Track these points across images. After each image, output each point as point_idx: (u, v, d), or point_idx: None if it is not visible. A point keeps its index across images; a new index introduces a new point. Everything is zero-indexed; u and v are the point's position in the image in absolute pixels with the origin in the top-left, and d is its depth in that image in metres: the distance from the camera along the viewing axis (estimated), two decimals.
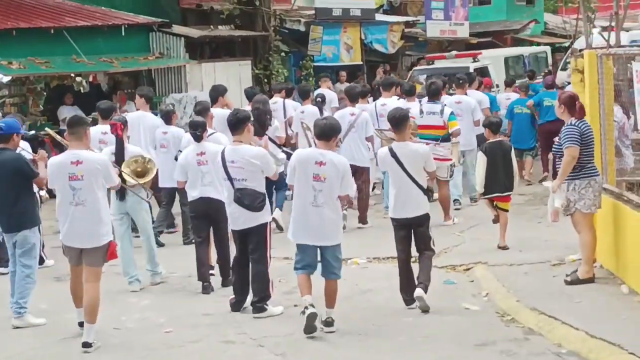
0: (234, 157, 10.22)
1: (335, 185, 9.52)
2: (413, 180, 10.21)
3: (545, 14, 45.14)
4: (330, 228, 9.61)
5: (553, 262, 11.58)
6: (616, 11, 17.11)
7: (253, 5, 28.19)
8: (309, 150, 10.24)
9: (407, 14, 39.34)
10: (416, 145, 10.65)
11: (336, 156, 9.72)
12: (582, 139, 10.27)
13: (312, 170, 9.49)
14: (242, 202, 10.16)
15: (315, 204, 9.52)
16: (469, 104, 16.93)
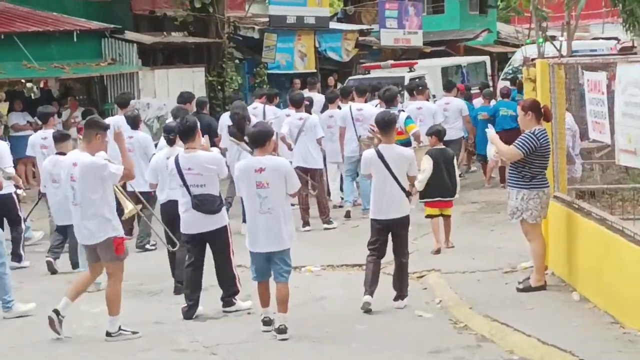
0: (190, 164, 10.37)
1: (279, 188, 9.62)
2: (397, 182, 10.39)
3: (498, 24, 45.49)
4: (278, 234, 9.66)
5: (505, 269, 11.63)
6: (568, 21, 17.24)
7: (207, 12, 28.14)
8: (247, 160, 10.17)
9: (362, 22, 39.42)
10: (403, 149, 10.96)
11: (274, 159, 9.82)
12: (537, 150, 10.27)
13: (254, 178, 9.59)
14: (201, 208, 10.33)
15: (262, 210, 9.60)
16: (430, 109, 17.51)
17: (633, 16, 16.37)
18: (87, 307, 11.12)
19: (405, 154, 10.66)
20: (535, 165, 10.33)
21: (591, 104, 10.31)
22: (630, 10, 16.25)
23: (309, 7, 31.93)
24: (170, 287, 11.73)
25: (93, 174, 9.68)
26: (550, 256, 10.81)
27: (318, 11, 32.61)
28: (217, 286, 10.86)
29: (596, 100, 10.13)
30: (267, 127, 10.18)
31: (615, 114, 9.30)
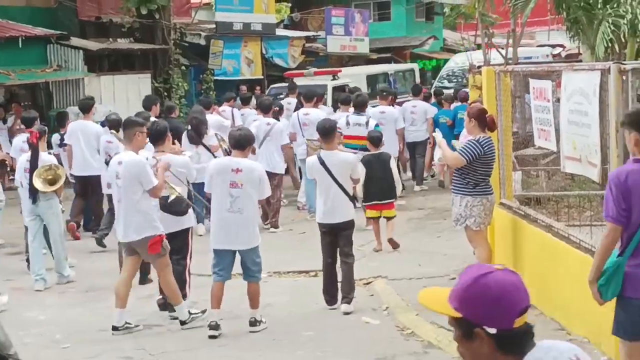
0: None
1: (251, 190, 9.92)
2: (341, 187, 10.66)
3: (445, 31, 45.82)
4: (247, 232, 9.96)
5: (452, 275, 11.64)
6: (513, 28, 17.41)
7: (153, 18, 28.02)
8: (225, 159, 10.63)
9: (308, 29, 39.52)
10: (344, 154, 11.26)
11: (252, 163, 10.33)
12: (481, 158, 10.30)
13: (229, 177, 9.87)
14: (169, 209, 10.59)
15: (232, 210, 9.87)
16: (392, 114, 18.16)
17: (577, 24, 16.53)
18: (34, 314, 11.04)
19: (347, 159, 10.94)
20: (479, 173, 10.35)
21: (537, 111, 10.40)
22: (575, 18, 16.42)
23: (255, 14, 31.97)
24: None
25: (136, 174, 9.98)
26: (496, 262, 10.85)
27: (264, 18, 32.66)
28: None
29: (542, 107, 10.21)
30: (250, 132, 10.56)
31: (560, 122, 9.38)
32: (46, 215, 12.66)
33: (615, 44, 15.72)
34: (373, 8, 42.69)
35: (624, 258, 6.47)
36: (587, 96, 8.54)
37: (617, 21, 14.77)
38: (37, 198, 12.46)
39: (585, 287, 8.47)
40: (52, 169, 12.49)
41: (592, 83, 8.41)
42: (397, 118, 18.14)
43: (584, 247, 8.73)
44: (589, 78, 8.54)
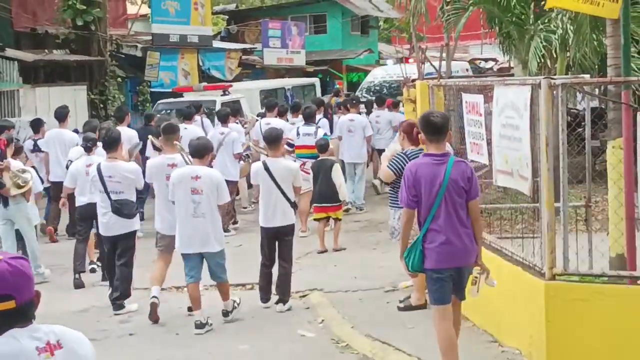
0: (111, 172, 11.56)
1: (211, 196, 10.47)
2: (282, 193, 11.27)
3: (380, 44, 46.10)
4: (211, 236, 10.56)
5: (387, 288, 11.74)
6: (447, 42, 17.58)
7: (89, 30, 27.87)
8: (184, 167, 10.93)
9: (245, 41, 39.60)
10: (288, 162, 12.01)
11: (210, 170, 10.81)
12: None
13: (190, 184, 10.43)
14: (121, 212, 11.49)
15: (195, 215, 10.44)
16: (361, 122, 19.16)
17: (510, 38, 16.76)
18: None
19: (290, 167, 11.60)
20: None
21: (469, 125, 10.51)
22: (507, 33, 16.65)
23: (192, 26, 31.95)
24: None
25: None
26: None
27: (201, 30, 32.64)
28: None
29: (474, 121, 10.32)
30: (208, 141, 11.32)
31: (492, 136, 9.50)
32: (16, 218, 13.30)
33: (548, 59, 15.95)
34: (309, 21, 42.90)
35: (420, 236, 7.87)
36: (518, 110, 8.67)
37: (549, 36, 14.99)
38: (7, 203, 13.10)
39: (516, 299, 8.64)
40: (20, 174, 13.07)
41: (523, 97, 8.55)
42: (365, 126, 19.08)
43: (516, 259, 8.86)
44: (520, 92, 8.68)
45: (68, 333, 4.04)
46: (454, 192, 7.76)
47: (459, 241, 7.80)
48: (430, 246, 7.80)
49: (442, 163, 7.79)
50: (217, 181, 10.58)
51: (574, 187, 11.47)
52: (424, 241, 7.85)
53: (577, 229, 10.18)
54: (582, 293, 8.00)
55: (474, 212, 7.92)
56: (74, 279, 13.07)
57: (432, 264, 7.81)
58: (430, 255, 7.81)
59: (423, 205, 7.79)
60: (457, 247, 7.81)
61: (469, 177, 7.85)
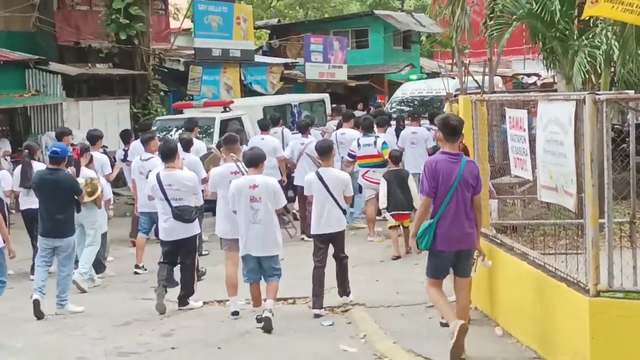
0: (170, 180, 12.21)
1: (269, 202, 11.10)
2: (335, 201, 11.87)
3: (422, 59, 46.04)
4: (268, 241, 11.17)
5: (429, 303, 11.64)
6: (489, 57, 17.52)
7: (132, 44, 28.07)
8: (243, 178, 11.53)
9: (287, 56, 39.68)
10: (339, 172, 12.59)
11: (266, 178, 11.37)
12: None
13: (248, 193, 11.07)
14: (182, 217, 12.14)
15: (254, 221, 11.08)
16: (423, 134, 19.69)
17: (553, 54, 16.67)
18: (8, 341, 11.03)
19: (341, 176, 12.19)
20: None
21: (513, 140, 10.46)
22: (551, 48, 16.55)
23: (234, 40, 32.09)
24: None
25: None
26: (474, 290, 10.89)
27: (243, 44, 32.78)
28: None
29: (518, 137, 10.27)
30: (261, 151, 11.71)
31: (536, 151, 9.45)
32: (86, 223, 13.90)
33: (592, 74, 15.84)
34: (351, 36, 42.92)
35: (434, 221, 9.19)
36: (563, 126, 8.62)
37: (593, 52, 14.88)
38: (79, 208, 13.27)
39: (560, 315, 8.57)
40: (91, 182, 13.66)
41: (568, 113, 8.50)
42: (427, 138, 19.61)
43: (560, 275, 8.80)
44: (564, 108, 8.62)
45: None
46: (465, 187, 9.20)
47: (463, 229, 9.26)
48: (440, 231, 9.20)
49: (457, 162, 9.23)
50: (274, 189, 11.21)
51: (618, 203, 11.35)
52: (436, 226, 9.21)
53: (621, 245, 10.11)
54: (626, 309, 7.94)
55: (477, 204, 9.41)
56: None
57: (440, 246, 9.27)
58: (439, 238, 9.23)
59: (438, 195, 9.18)
60: (461, 234, 9.26)
61: (476, 176, 9.36)
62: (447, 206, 9.16)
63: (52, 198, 12.35)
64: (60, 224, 12.37)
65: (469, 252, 9.54)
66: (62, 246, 12.41)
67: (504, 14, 16.10)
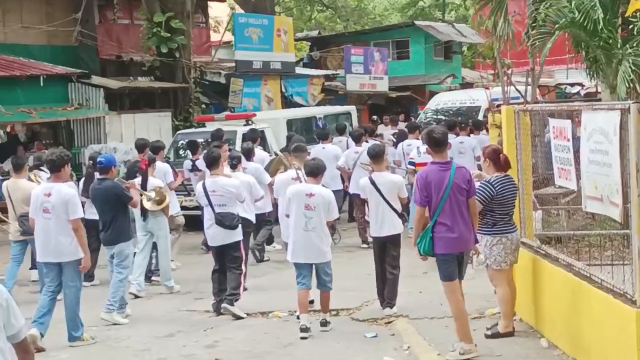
0: (214, 187, 12.67)
1: (322, 212, 11.41)
2: (389, 205, 12.16)
3: (463, 69, 45.88)
4: (319, 248, 11.46)
5: (473, 315, 11.60)
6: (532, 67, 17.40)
7: (173, 57, 28.22)
8: (300, 185, 12.10)
9: (327, 67, 39.70)
10: (392, 176, 12.95)
11: (323, 189, 11.68)
12: (495, 198, 10.31)
13: (304, 201, 11.39)
14: (223, 223, 12.54)
15: (306, 228, 11.38)
16: (470, 144, 20.02)
17: (597, 63, 16.53)
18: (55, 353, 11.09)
19: (394, 180, 12.54)
20: (496, 212, 10.35)
21: (557, 150, 10.38)
22: (594, 57, 16.41)
23: (275, 53, 32.15)
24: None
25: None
26: (518, 302, 10.83)
27: (284, 56, 32.82)
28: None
29: (562, 147, 10.20)
30: (323, 162, 12.03)
31: (581, 161, 9.37)
32: (154, 231, 14.40)
33: (637, 83, 15.67)
34: (392, 47, 42.85)
35: (429, 226, 9.73)
36: (608, 135, 8.54)
37: (637, 60, 14.73)
38: (147, 216, 14.17)
39: (606, 327, 8.48)
40: (160, 191, 14.17)
41: (612, 122, 8.41)
42: (474, 147, 19.77)
43: (606, 286, 8.71)
44: (609, 117, 8.54)
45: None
46: (457, 192, 9.69)
47: (460, 231, 9.74)
48: (438, 235, 9.72)
49: (447, 169, 9.74)
50: (329, 199, 11.53)
51: None
52: (433, 231, 9.74)
53: None
54: None
55: (472, 207, 9.88)
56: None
57: (441, 249, 9.75)
58: (438, 242, 9.73)
59: (432, 203, 9.69)
60: (459, 236, 9.74)
61: (468, 180, 9.85)
62: (441, 212, 9.67)
63: (102, 207, 12.77)
64: (112, 232, 12.70)
65: (467, 254, 10.13)
66: (116, 252, 12.73)
67: (546, 23, 15.96)
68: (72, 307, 11.43)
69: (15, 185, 14.41)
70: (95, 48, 29.13)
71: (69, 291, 11.46)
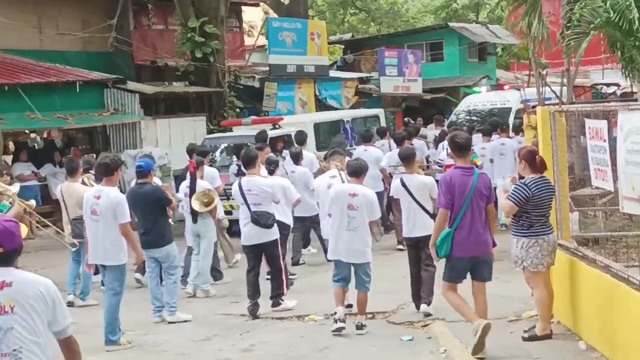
0: (250, 186, 12.86)
1: (365, 212, 11.57)
2: (420, 206, 12.29)
3: (498, 70, 45.65)
4: (360, 248, 11.61)
5: (510, 318, 11.57)
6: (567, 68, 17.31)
7: (207, 62, 28.32)
8: (343, 185, 12.40)
9: (361, 70, 39.65)
10: (423, 177, 12.92)
11: (366, 189, 11.84)
12: (531, 200, 10.25)
13: (347, 200, 11.57)
14: (258, 222, 12.72)
15: (348, 228, 11.56)
16: (512, 146, 19.80)
17: (632, 62, 16.42)
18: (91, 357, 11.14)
19: (424, 181, 12.60)
20: (532, 214, 10.29)
21: (593, 151, 10.30)
22: (630, 57, 16.31)
23: (308, 56, 32.16)
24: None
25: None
26: (555, 304, 10.76)
27: (318, 60, 32.84)
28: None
29: (598, 147, 10.12)
30: (365, 163, 12.34)
31: (618, 162, 9.29)
32: (201, 233, 14.56)
33: None
34: (426, 49, 42.71)
35: (452, 230, 9.92)
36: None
37: None
38: (197, 219, 14.39)
39: None
40: (207, 194, 14.44)
41: None
42: (515, 149, 19.25)
43: None
44: None
45: (28, 278, 5.64)
46: (479, 198, 9.94)
47: (479, 236, 9.98)
48: (457, 239, 9.93)
49: (470, 175, 9.98)
50: (372, 200, 11.70)
51: None
52: (454, 235, 9.93)
53: None
54: None
55: (491, 213, 10.20)
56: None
57: (457, 253, 9.97)
58: (456, 245, 9.94)
59: (455, 206, 9.90)
60: (477, 241, 9.97)
61: (489, 187, 10.12)
62: (463, 216, 9.90)
63: (143, 211, 12.70)
64: (155, 235, 12.73)
65: (486, 258, 10.20)
66: (161, 256, 12.81)
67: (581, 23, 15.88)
68: (112, 311, 11.53)
69: (69, 189, 14.57)
70: (130, 54, 29.29)
71: (109, 294, 11.63)
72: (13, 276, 5.55)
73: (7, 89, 22.20)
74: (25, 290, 5.54)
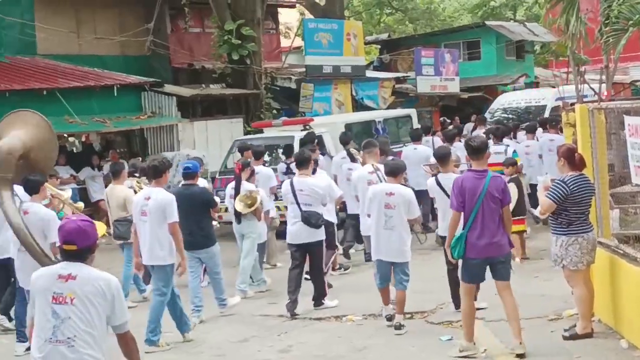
0: (302, 186, 13.03)
1: (403, 211, 11.70)
2: None
3: (536, 68, 45.43)
4: (399, 247, 11.74)
5: (550, 317, 11.49)
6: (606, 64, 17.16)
7: (244, 64, 28.37)
8: (381, 184, 12.59)
9: (398, 70, 39.60)
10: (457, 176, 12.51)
11: (403, 188, 12.00)
12: (569, 197, 10.17)
13: (384, 200, 11.72)
14: (309, 221, 12.88)
15: (386, 227, 11.71)
16: (561, 142, 19.02)
17: None
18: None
19: None
20: (571, 212, 10.23)
21: (633, 148, 10.19)
22: None
23: (345, 57, 32.14)
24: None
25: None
26: (596, 302, 10.66)
27: (354, 60, 32.80)
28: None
29: (638, 144, 10.02)
30: (403, 162, 12.87)
31: None
32: (245, 233, 14.61)
33: None
34: (463, 48, 42.59)
35: (464, 232, 10.09)
36: None
37: None
38: (240, 219, 14.50)
39: None
40: (250, 195, 14.45)
41: None
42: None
43: None
44: None
45: (92, 274, 6.21)
46: (490, 200, 10.03)
47: (492, 237, 10.06)
48: (470, 240, 10.07)
49: (482, 177, 10.09)
50: (409, 198, 11.80)
51: None
52: (467, 236, 10.09)
53: None
54: None
55: (506, 214, 10.20)
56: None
57: (470, 254, 10.11)
58: (469, 247, 10.08)
59: (466, 209, 10.08)
60: (490, 242, 10.05)
61: (502, 189, 10.19)
62: (475, 218, 10.03)
63: (188, 212, 12.62)
64: (200, 237, 12.94)
65: (502, 258, 10.26)
66: (206, 257, 13.14)
67: (619, 20, 15.75)
68: (156, 311, 11.60)
69: (112, 191, 14.80)
70: (167, 57, 29.41)
71: (155, 294, 11.74)
72: (80, 271, 6.17)
73: (45, 93, 22.32)
74: (86, 285, 6.17)
